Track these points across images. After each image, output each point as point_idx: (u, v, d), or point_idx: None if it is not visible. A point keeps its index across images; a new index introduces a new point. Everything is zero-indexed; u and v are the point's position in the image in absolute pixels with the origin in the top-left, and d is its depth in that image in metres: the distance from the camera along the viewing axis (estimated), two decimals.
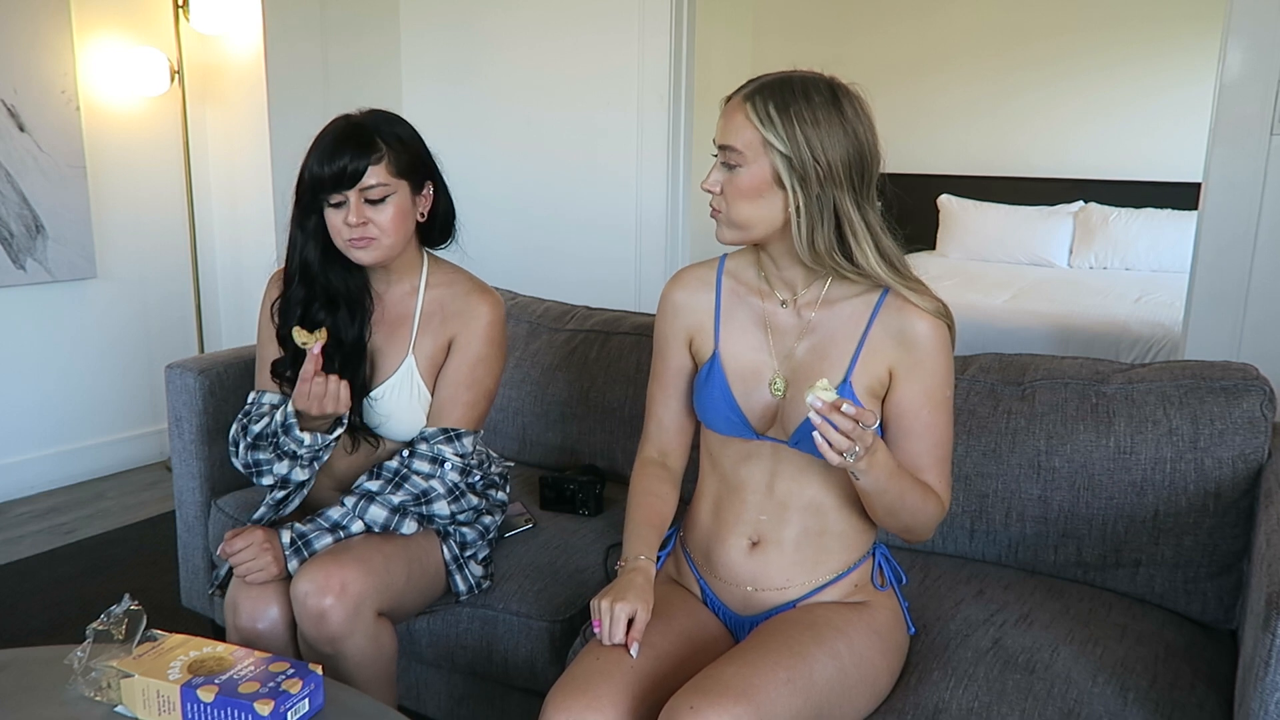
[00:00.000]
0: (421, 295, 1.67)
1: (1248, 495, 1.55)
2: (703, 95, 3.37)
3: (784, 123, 1.23)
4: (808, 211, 1.25)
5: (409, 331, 1.66)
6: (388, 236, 1.56)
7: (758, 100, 1.25)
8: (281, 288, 1.67)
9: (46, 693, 1.26)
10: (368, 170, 1.52)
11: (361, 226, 1.54)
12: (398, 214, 1.56)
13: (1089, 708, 1.30)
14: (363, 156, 1.51)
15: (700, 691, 1.16)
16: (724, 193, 1.30)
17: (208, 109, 3.57)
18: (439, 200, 1.66)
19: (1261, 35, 2.44)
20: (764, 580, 1.38)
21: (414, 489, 1.58)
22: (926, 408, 1.33)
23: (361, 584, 1.48)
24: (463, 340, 1.65)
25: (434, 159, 1.64)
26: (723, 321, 1.42)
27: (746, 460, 1.39)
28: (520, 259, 3.59)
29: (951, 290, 4.45)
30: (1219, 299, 2.58)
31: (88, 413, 3.43)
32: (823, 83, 1.26)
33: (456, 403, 1.64)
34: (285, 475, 1.61)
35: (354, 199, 1.53)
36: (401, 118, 1.62)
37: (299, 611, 1.48)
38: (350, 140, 1.53)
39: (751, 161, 1.26)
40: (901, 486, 1.27)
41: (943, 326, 1.32)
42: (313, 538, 1.53)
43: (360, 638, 1.49)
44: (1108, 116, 5.24)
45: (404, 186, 1.57)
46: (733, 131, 1.27)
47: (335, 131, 1.55)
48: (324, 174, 1.52)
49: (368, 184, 1.52)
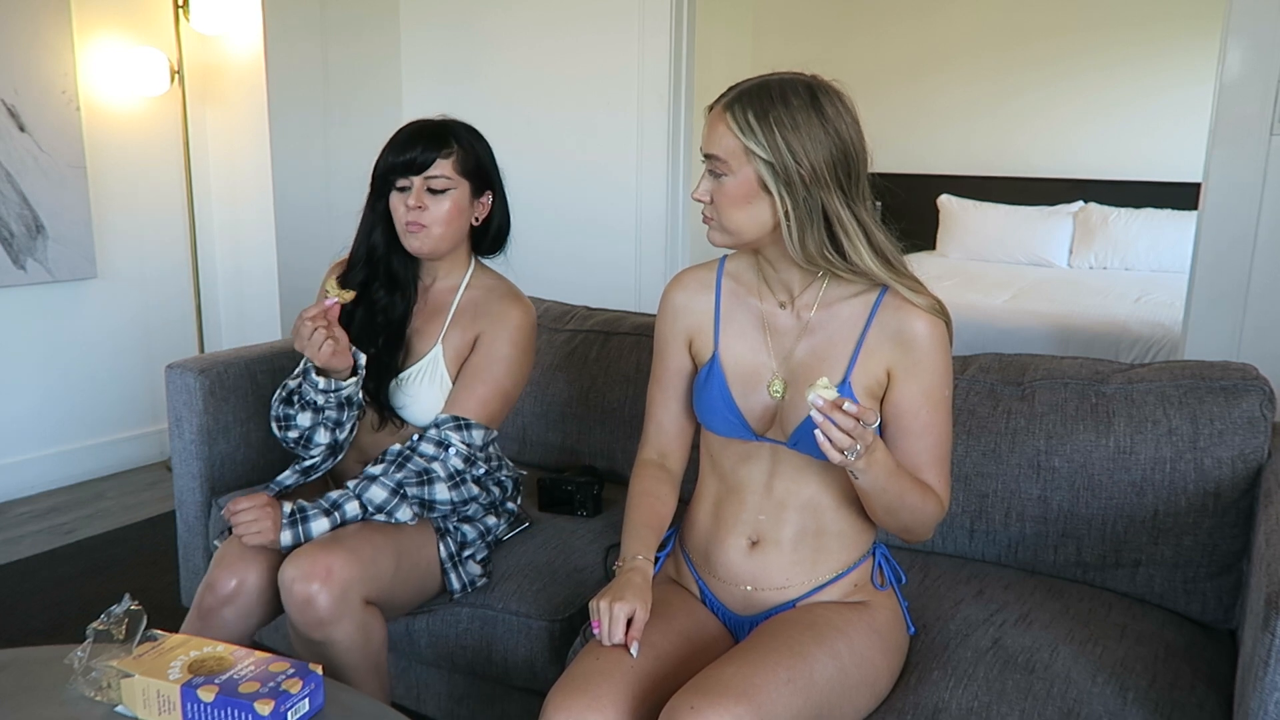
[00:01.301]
0: (461, 293, 1.77)
1: (1247, 495, 1.55)
2: (703, 96, 3.34)
3: (763, 130, 1.23)
4: (796, 215, 1.26)
5: (442, 323, 1.75)
6: (439, 226, 1.67)
7: (736, 108, 1.26)
8: (344, 270, 1.76)
9: (46, 693, 1.26)
10: (435, 162, 1.65)
11: (418, 211, 1.65)
12: (454, 209, 1.68)
13: (1089, 707, 1.30)
14: (434, 149, 1.65)
15: (700, 691, 1.16)
16: (714, 201, 1.31)
17: (208, 109, 3.57)
18: (496, 210, 1.76)
19: (1261, 35, 2.44)
20: (763, 580, 1.39)
21: (415, 467, 1.61)
22: (925, 407, 1.33)
23: (348, 570, 1.49)
24: (487, 338, 1.71)
25: (499, 174, 1.77)
26: (722, 323, 1.42)
27: (745, 461, 1.39)
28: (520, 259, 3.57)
29: (951, 290, 4.45)
30: (1219, 299, 2.58)
31: (88, 413, 3.43)
32: (800, 84, 1.26)
33: (470, 395, 1.68)
34: (308, 431, 1.68)
35: (418, 184, 1.65)
36: (479, 132, 1.75)
37: (287, 600, 1.49)
38: (426, 133, 1.67)
39: (736, 170, 1.27)
40: (901, 486, 1.27)
41: (940, 325, 1.32)
42: (310, 513, 1.56)
43: (348, 624, 1.49)
44: (1108, 116, 5.24)
45: (465, 186, 1.69)
46: (715, 141, 1.28)
47: (415, 125, 1.69)
48: (396, 160, 1.65)
49: (433, 174, 1.65)
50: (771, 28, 5.98)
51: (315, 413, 1.67)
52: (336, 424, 1.68)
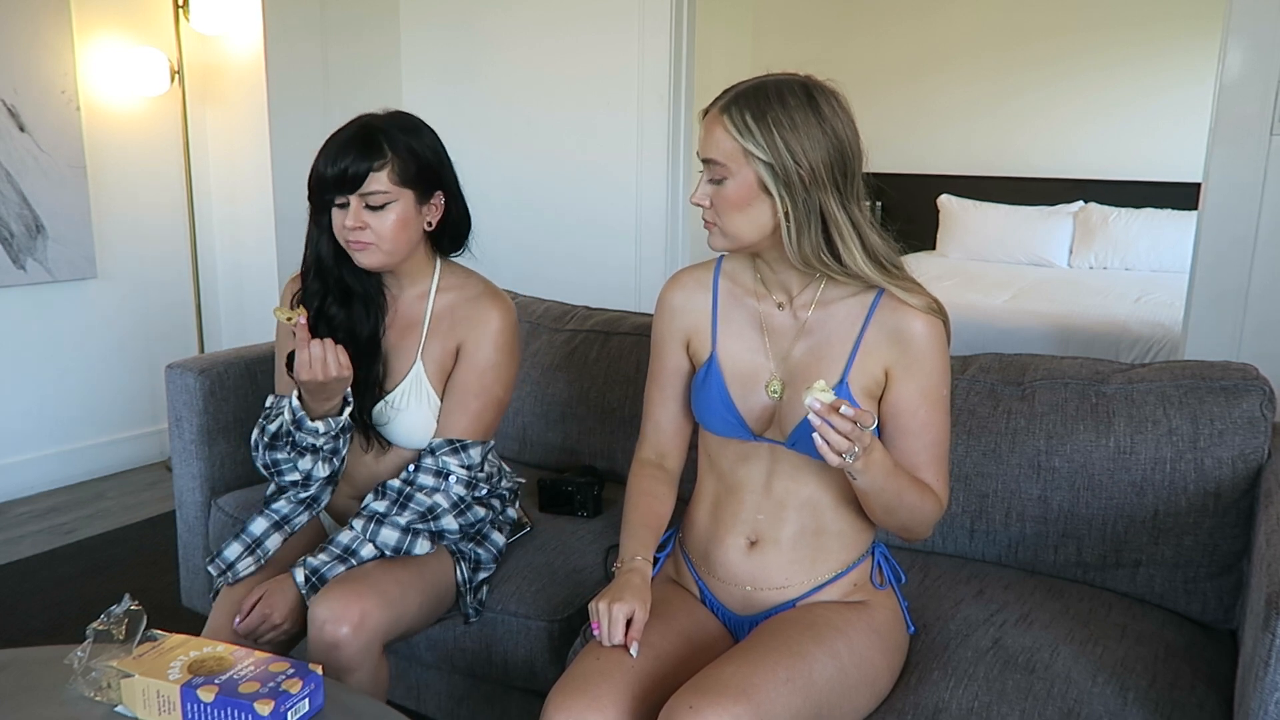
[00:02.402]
0: (431, 300, 1.66)
1: (1248, 495, 1.55)
2: (703, 96, 3.34)
3: (762, 131, 1.23)
4: (795, 216, 1.25)
5: (418, 336, 1.65)
6: (385, 243, 1.55)
7: (734, 111, 1.25)
8: (299, 285, 1.66)
9: (46, 693, 1.26)
10: (369, 176, 1.51)
11: (359, 230, 1.53)
12: (398, 222, 1.55)
13: (1089, 707, 1.30)
14: (364, 160, 1.51)
15: (699, 691, 1.16)
16: (713, 205, 1.30)
17: (208, 109, 3.57)
18: (451, 210, 1.63)
19: (1261, 35, 2.44)
20: (762, 579, 1.38)
21: (419, 507, 1.57)
22: (924, 406, 1.33)
23: (378, 617, 1.47)
24: (471, 347, 1.63)
25: (450, 169, 1.62)
26: (720, 323, 1.42)
27: (744, 460, 1.39)
28: (520, 259, 3.59)
29: (951, 290, 4.45)
30: (1219, 299, 2.58)
31: (88, 413, 3.43)
32: (797, 84, 1.26)
33: (464, 412, 1.62)
34: (309, 471, 1.61)
35: (354, 203, 1.53)
36: (423, 125, 1.60)
37: (314, 635, 1.46)
38: (356, 143, 1.52)
39: (735, 173, 1.26)
40: (899, 485, 1.27)
41: (938, 324, 1.32)
42: (325, 571, 1.52)
43: (364, 673, 1.48)
44: (1108, 116, 5.24)
45: (408, 195, 1.55)
46: (713, 145, 1.27)
47: (345, 133, 1.54)
48: (327, 175, 1.52)
49: (368, 190, 1.52)
50: (771, 28, 5.98)
51: (314, 453, 1.60)
52: (334, 453, 1.62)
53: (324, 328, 1.61)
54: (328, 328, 1.61)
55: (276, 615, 1.51)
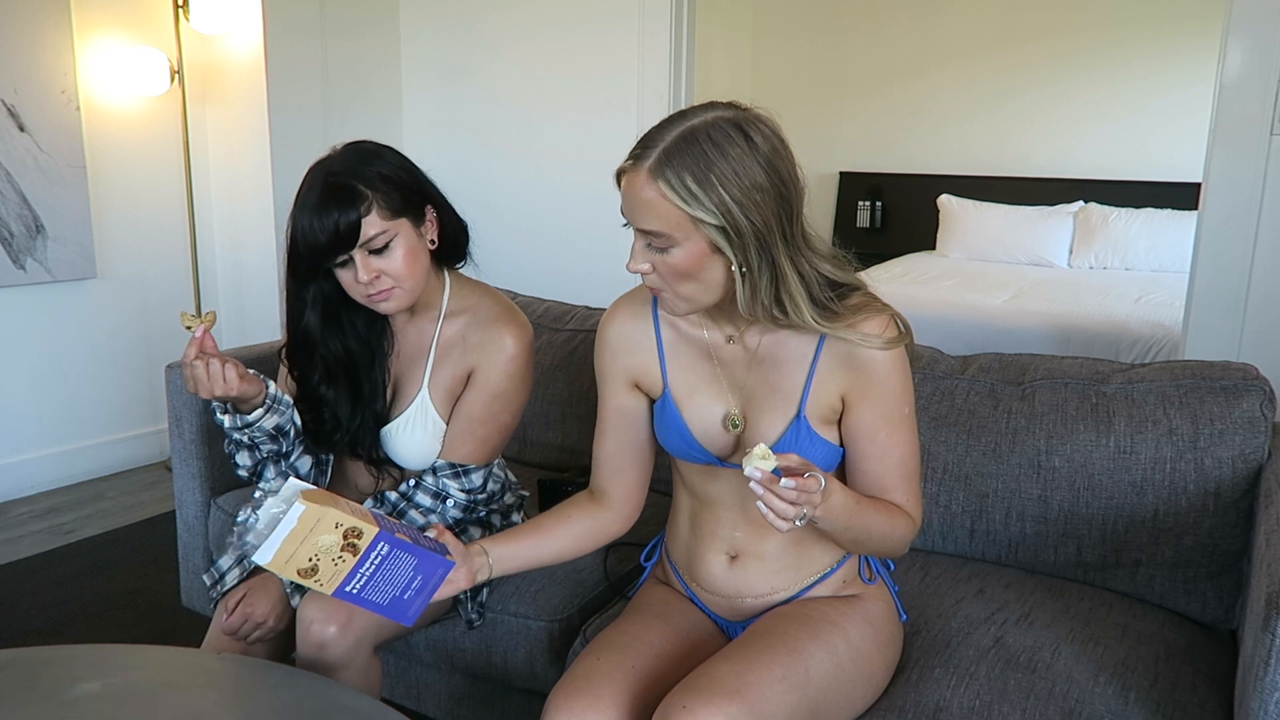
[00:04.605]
0: (440, 325, 1.60)
1: (1248, 495, 1.55)
2: (703, 95, 3.34)
3: (708, 192, 1.10)
4: (750, 271, 1.16)
5: (425, 361, 1.60)
6: (405, 281, 1.48)
7: (669, 173, 1.11)
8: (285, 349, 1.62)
9: (46, 693, 1.26)
10: (361, 224, 1.42)
11: (375, 280, 1.46)
12: (407, 255, 1.47)
13: (1090, 707, 1.30)
14: (351, 210, 1.41)
15: (694, 690, 1.16)
16: (658, 272, 1.19)
17: (208, 109, 3.57)
18: (444, 220, 1.56)
19: (1261, 35, 2.44)
20: (748, 590, 1.37)
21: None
22: (884, 430, 1.28)
23: (366, 619, 1.46)
24: (482, 374, 1.57)
25: (428, 181, 1.55)
26: (668, 359, 1.35)
27: (714, 480, 1.36)
28: (520, 259, 3.58)
29: (951, 290, 4.45)
30: (1219, 299, 2.58)
31: (88, 413, 3.43)
32: (727, 123, 1.13)
33: (469, 438, 1.58)
34: (252, 466, 1.56)
35: (358, 256, 1.44)
36: (380, 149, 1.51)
37: (301, 635, 1.46)
38: (333, 198, 1.42)
39: (683, 241, 1.14)
40: (864, 521, 1.23)
41: (892, 346, 1.25)
42: None
43: (353, 671, 1.48)
44: (1108, 116, 5.24)
45: (404, 224, 1.47)
46: (650, 215, 1.14)
47: (313, 193, 1.44)
48: (321, 240, 1.42)
49: (367, 235, 1.43)
50: (771, 28, 5.98)
51: (251, 450, 1.54)
52: (280, 455, 1.56)
53: (313, 414, 1.57)
54: (314, 414, 1.57)
55: (258, 613, 1.52)
